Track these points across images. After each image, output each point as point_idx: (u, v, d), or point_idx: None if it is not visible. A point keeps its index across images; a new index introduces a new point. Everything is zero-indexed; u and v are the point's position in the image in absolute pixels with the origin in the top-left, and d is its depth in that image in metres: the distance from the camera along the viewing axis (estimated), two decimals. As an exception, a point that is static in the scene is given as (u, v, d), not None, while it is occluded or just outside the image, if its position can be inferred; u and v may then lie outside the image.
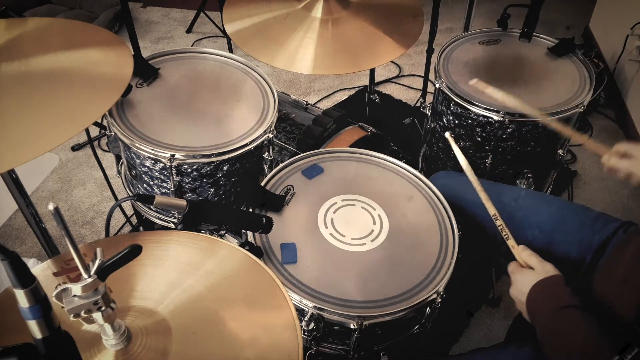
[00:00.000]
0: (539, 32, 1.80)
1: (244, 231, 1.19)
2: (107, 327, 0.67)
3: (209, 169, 1.36)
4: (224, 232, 1.18)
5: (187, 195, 1.41)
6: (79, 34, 1.19)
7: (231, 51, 2.37)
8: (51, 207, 0.55)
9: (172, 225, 1.50)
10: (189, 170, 1.35)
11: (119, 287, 0.75)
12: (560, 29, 3.06)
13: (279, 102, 1.47)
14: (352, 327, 1.06)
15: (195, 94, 1.49)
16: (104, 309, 0.64)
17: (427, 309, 1.14)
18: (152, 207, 1.51)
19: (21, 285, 0.56)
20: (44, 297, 0.57)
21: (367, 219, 1.25)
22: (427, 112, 1.80)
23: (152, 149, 1.31)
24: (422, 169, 1.95)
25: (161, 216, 1.50)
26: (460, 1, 3.17)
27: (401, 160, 1.39)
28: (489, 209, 1.06)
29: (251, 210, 1.24)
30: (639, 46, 2.35)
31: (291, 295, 1.08)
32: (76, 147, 2.36)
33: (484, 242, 1.34)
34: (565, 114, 1.54)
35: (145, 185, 1.44)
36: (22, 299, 0.56)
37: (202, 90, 1.50)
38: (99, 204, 2.13)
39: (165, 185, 1.40)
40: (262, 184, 1.30)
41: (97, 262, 0.62)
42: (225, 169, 1.38)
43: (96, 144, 2.35)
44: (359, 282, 1.13)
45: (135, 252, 0.64)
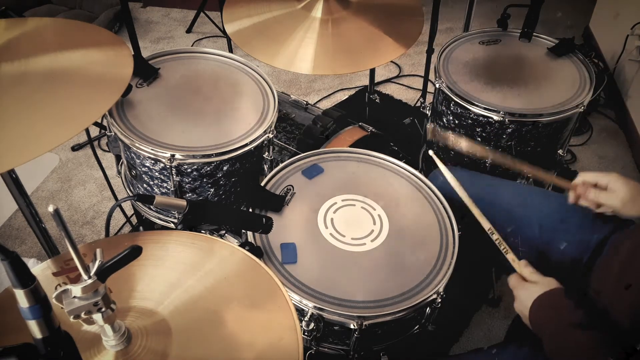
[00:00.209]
0: (539, 32, 1.80)
1: (244, 231, 1.19)
2: (107, 327, 0.67)
3: (209, 169, 1.36)
4: (224, 232, 1.18)
5: (187, 195, 1.41)
6: (79, 34, 1.19)
7: (231, 51, 2.37)
8: (51, 209, 0.55)
9: (172, 225, 1.49)
10: (189, 170, 1.35)
11: (119, 287, 0.75)
12: (560, 29, 3.06)
13: (279, 102, 1.47)
14: (352, 327, 1.06)
15: (195, 94, 1.49)
16: (104, 310, 0.64)
17: (427, 309, 1.14)
18: (152, 207, 1.51)
19: (21, 285, 0.55)
20: (44, 297, 0.57)
21: (367, 219, 1.25)
22: (427, 112, 1.80)
23: (152, 149, 1.31)
24: (422, 169, 1.95)
25: (161, 216, 1.50)
26: (460, 1, 3.17)
27: (401, 160, 1.38)
28: (484, 224, 1.07)
29: (251, 210, 1.24)
30: (639, 46, 2.35)
31: (291, 295, 1.08)
32: (76, 147, 2.36)
33: (484, 241, 1.34)
34: (565, 114, 1.54)
35: (145, 185, 1.44)
36: (22, 299, 0.56)
37: (202, 90, 1.50)
38: (99, 204, 2.13)
39: (165, 185, 1.40)
40: (262, 184, 1.30)
41: (97, 263, 0.62)
42: (225, 169, 1.38)
43: (96, 144, 2.35)
44: (358, 282, 1.13)
45: (135, 253, 0.64)
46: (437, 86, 1.65)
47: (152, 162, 1.35)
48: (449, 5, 3.19)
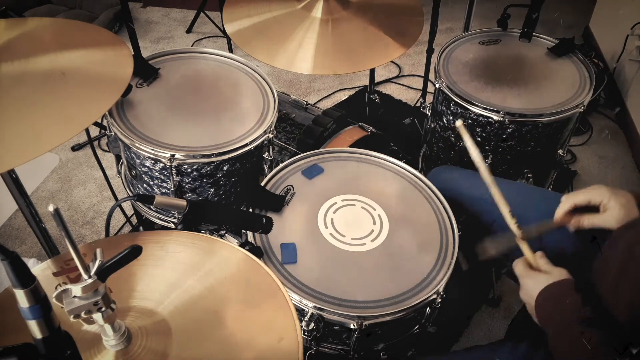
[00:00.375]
0: (539, 32, 1.80)
1: (244, 231, 1.19)
2: (107, 327, 0.67)
3: (209, 169, 1.36)
4: (224, 232, 1.18)
5: (187, 195, 1.41)
6: (79, 34, 1.19)
7: (231, 51, 2.37)
8: (51, 209, 0.55)
9: (172, 225, 1.49)
10: (189, 170, 1.35)
11: (119, 287, 0.75)
12: (560, 29, 3.06)
13: (279, 102, 1.47)
14: (352, 327, 1.06)
15: (195, 94, 1.49)
16: (104, 309, 0.64)
17: (427, 309, 1.14)
18: (152, 207, 1.51)
19: (21, 285, 0.55)
20: (44, 297, 0.57)
21: (367, 219, 1.25)
22: (427, 112, 1.80)
23: (152, 149, 1.31)
24: (422, 169, 1.95)
25: (161, 216, 1.50)
26: (460, 1, 3.17)
27: (401, 160, 1.38)
28: (502, 209, 1.04)
29: (251, 210, 1.24)
30: (639, 46, 2.35)
31: (291, 295, 1.08)
32: (76, 147, 2.36)
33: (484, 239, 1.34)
34: (565, 114, 1.54)
35: (145, 185, 1.44)
36: (22, 299, 0.56)
37: (202, 90, 1.50)
38: (99, 204, 2.13)
39: (165, 185, 1.40)
40: (262, 184, 1.30)
41: (97, 263, 0.62)
42: (225, 169, 1.38)
43: (96, 144, 2.35)
44: (359, 282, 1.13)
45: (135, 252, 0.64)
46: (437, 86, 1.65)
47: (152, 162, 1.35)
48: (449, 5, 3.19)
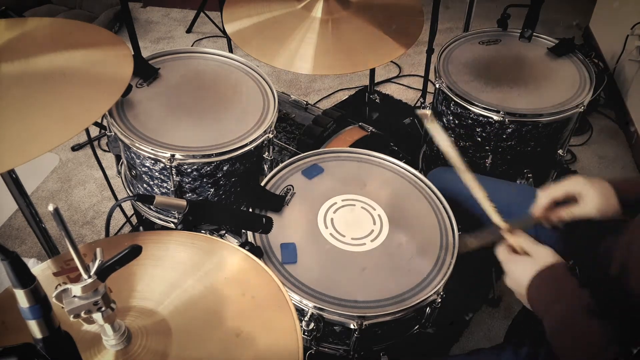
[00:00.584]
0: (539, 32, 1.80)
1: (244, 231, 1.19)
2: (107, 327, 0.67)
3: (209, 169, 1.36)
4: (224, 232, 1.18)
5: (187, 195, 1.41)
6: (79, 34, 1.19)
7: (231, 51, 2.37)
8: (51, 208, 0.55)
9: (172, 225, 1.49)
10: (189, 170, 1.35)
11: (119, 287, 0.75)
12: (560, 29, 3.06)
13: (279, 102, 1.47)
14: (352, 327, 1.06)
15: (195, 94, 1.49)
16: (104, 309, 0.64)
17: (427, 309, 1.14)
18: (152, 207, 1.51)
19: (21, 285, 0.55)
20: (44, 297, 0.57)
21: (367, 219, 1.25)
22: (427, 112, 1.80)
23: (152, 149, 1.31)
24: (422, 169, 1.95)
25: (161, 216, 1.50)
26: (460, 1, 3.17)
27: (401, 160, 1.38)
28: (477, 195, 0.99)
29: (251, 210, 1.24)
30: (639, 46, 2.35)
31: (291, 295, 1.08)
32: (76, 147, 2.36)
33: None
34: (565, 114, 1.54)
35: (145, 185, 1.44)
36: (22, 299, 0.56)
37: (202, 90, 1.50)
38: (99, 204, 2.13)
39: (165, 185, 1.40)
40: (262, 184, 1.30)
41: (97, 263, 0.62)
42: (225, 169, 1.38)
43: (96, 144, 2.35)
44: (359, 282, 1.13)
45: (135, 252, 0.64)
46: (437, 86, 1.65)
47: (152, 162, 1.35)
48: (449, 5, 3.19)
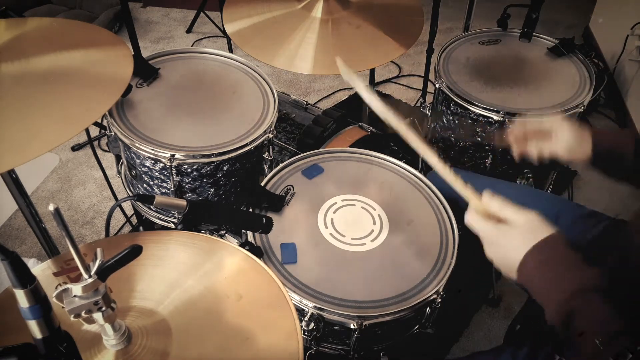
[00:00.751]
0: (539, 32, 1.80)
1: (244, 231, 1.19)
2: (108, 327, 0.67)
3: (209, 169, 1.36)
4: (224, 232, 1.18)
5: (187, 195, 1.41)
6: (79, 34, 1.19)
7: (231, 51, 2.37)
8: (51, 208, 0.55)
9: (172, 225, 1.49)
10: (189, 170, 1.35)
11: (119, 287, 0.75)
12: (560, 29, 3.06)
13: (279, 102, 1.47)
14: (352, 327, 1.06)
15: (195, 94, 1.49)
16: (104, 309, 0.64)
17: (427, 309, 1.14)
18: (152, 207, 1.51)
19: (21, 285, 0.55)
20: (44, 297, 0.57)
21: (367, 219, 1.25)
22: (427, 112, 1.80)
23: (152, 149, 1.31)
24: (422, 169, 1.95)
25: (161, 216, 1.50)
26: (460, 1, 3.17)
27: (401, 160, 1.39)
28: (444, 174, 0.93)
29: (251, 210, 1.24)
30: (639, 46, 2.35)
31: (291, 295, 1.08)
32: (76, 147, 2.36)
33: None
34: (565, 114, 1.54)
35: (145, 185, 1.44)
36: (22, 299, 0.56)
37: (202, 90, 1.50)
38: (99, 204, 2.13)
39: (165, 185, 1.40)
40: (262, 184, 1.30)
41: (98, 263, 0.62)
42: (225, 169, 1.38)
43: (96, 144, 2.35)
44: (358, 282, 1.13)
45: (135, 252, 0.64)
46: (437, 86, 1.65)
47: (152, 162, 1.35)
48: (449, 5, 3.19)
